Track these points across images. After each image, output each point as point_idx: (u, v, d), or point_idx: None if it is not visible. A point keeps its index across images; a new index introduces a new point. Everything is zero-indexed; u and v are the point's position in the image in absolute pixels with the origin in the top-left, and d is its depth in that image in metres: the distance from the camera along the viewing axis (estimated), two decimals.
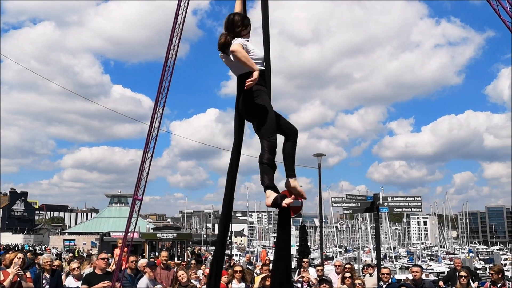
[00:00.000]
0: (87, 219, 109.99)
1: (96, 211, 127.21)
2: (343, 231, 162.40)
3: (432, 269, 48.20)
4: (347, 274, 8.54)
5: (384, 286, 8.82)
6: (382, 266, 11.96)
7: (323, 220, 38.54)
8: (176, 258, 26.40)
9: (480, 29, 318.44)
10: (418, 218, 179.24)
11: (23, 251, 13.24)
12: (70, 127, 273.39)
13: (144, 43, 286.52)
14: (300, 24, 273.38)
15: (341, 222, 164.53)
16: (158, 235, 29.08)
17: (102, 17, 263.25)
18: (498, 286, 8.24)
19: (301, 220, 63.25)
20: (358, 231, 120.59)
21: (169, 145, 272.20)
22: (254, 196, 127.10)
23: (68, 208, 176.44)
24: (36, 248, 42.21)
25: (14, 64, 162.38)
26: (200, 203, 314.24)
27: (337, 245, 78.74)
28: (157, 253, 24.05)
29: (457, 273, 9.24)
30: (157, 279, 8.18)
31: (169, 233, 29.80)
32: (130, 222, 9.21)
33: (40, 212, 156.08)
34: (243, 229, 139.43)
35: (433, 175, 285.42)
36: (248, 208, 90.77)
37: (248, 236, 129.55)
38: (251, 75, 3.17)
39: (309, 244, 55.38)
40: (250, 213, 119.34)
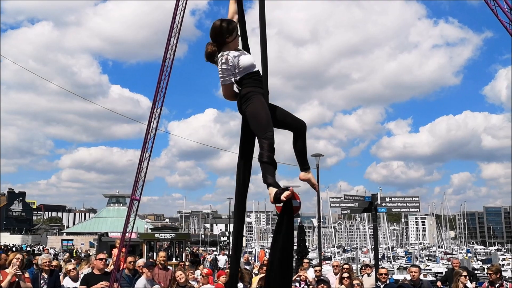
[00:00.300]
0: (85, 219, 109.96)
1: (94, 211, 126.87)
2: (341, 232, 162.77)
3: (430, 270, 48.35)
4: (345, 275, 8.56)
5: (382, 287, 8.82)
6: (380, 267, 11.98)
7: (321, 221, 38.55)
8: (174, 259, 26.36)
9: (478, 30, 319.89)
10: (416, 219, 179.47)
11: (22, 252, 13.21)
12: (68, 127, 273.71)
13: (142, 43, 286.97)
14: (299, 25, 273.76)
15: (339, 223, 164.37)
16: (156, 235, 28.93)
17: (100, 17, 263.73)
18: (496, 287, 8.27)
19: (299, 221, 63.13)
20: (356, 232, 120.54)
21: (167, 145, 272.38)
22: (252, 197, 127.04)
23: (66, 208, 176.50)
24: (35, 249, 42.09)
25: (12, 64, 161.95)
26: (198, 203, 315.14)
27: (335, 246, 78.96)
28: (155, 254, 24.04)
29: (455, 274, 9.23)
30: (155, 279, 8.18)
31: (167, 234, 29.65)
32: (128, 222, 9.19)
33: (38, 212, 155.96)
34: None
35: (431, 176, 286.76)
36: (247, 209, 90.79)
37: (246, 237, 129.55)
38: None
39: (307, 245, 55.30)
40: (249, 214, 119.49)
